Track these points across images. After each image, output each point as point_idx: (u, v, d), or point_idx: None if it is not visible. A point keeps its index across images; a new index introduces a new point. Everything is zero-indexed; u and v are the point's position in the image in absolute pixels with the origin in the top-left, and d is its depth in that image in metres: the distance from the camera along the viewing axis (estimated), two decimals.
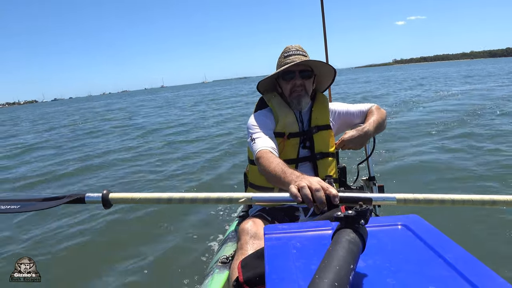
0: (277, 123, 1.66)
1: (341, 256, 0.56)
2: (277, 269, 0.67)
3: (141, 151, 7.63)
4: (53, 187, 5.44)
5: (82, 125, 15.45)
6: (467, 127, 6.83)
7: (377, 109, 1.80)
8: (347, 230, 0.63)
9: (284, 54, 1.68)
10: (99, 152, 7.90)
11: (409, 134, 6.73)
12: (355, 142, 1.67)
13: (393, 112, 9.92)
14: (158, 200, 1.02)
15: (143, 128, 11.83)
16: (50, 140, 11.33)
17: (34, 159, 7.98)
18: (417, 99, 12.92)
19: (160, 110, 20.77)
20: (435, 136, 6.33)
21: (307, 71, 1.65)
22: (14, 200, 1.04)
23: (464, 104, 10.55)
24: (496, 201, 1.00)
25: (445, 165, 4.52)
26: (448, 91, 15.37)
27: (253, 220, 1.45)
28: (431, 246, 0.71)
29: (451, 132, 6.49)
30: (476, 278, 0.59)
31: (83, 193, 1.04)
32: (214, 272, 1.51)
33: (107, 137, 10.55)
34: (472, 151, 5.09)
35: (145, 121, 14.60)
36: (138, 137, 9.90)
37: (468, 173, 4.12)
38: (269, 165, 1.34)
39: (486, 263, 0.63)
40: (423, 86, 19.82)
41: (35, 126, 18.64)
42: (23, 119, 27.56)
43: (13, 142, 11.71)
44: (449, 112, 8.97)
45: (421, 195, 0.99)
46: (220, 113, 14.49)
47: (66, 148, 9.16)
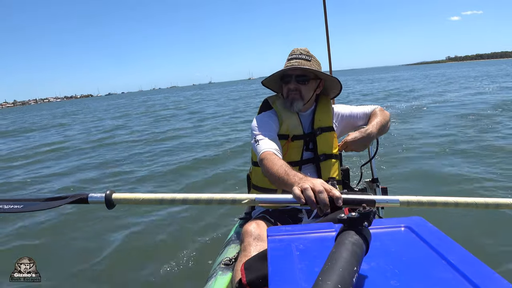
0: (281, 125, 1.66)
1: (345, 258, 0.56)
2: (280, 271, 0.67)
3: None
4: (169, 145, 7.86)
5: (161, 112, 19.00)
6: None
7: (381, 111, 1.79)
8: (351, 232, 0.63)
9: (288, 57, 1.68)
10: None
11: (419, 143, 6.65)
12: (358, 144, 1.67)
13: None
14: (161, 201, 1.02)
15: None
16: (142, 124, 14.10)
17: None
18: (421, 103, 12.67)
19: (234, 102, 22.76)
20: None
21: (304, 76, 1.63)
22: (17, 200, 1.05)
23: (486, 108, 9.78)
24: (499, 204, 1.00)
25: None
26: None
27: (256, 222, 1.45)
28: (435, 248, 0.71)
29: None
30: (480, 280, 0.59)
31: (86, 193, 1.04)
32: (217, 274, 1.51)
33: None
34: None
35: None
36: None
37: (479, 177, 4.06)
38: (273, 167, 1.34)
39: (490, 265, 0.63)
40: (450, 85, 20.05)
41: (116, 113, 23.27)
42: (100, 110, 30.73)
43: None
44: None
45: (424, 197, 0.98)
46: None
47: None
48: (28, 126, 19.38)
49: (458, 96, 13.84)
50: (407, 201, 0.98)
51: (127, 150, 8.10)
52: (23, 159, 8.19)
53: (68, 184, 5.44)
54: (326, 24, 2.40)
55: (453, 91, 16.04)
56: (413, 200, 0.98)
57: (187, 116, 15.77)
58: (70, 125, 17.27)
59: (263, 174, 1.45)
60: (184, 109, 20.11)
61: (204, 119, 13.52)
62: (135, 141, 9.30)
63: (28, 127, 18.51)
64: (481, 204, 0.99)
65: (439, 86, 20.52)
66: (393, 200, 0.98)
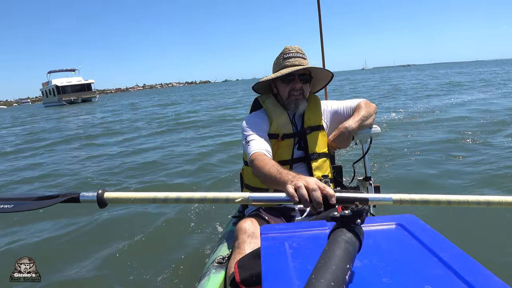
0: (271, 124, 1.66)
1: (338, 256, 0.56)
2: (273, 269, 0.67)
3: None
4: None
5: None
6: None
7: (366, 104, 1.79)
8: (343, 230, 0.63)
9: (284, 55, 1.67)
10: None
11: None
12: (338, 140, 1.68)
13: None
14: (153, 200, 1.01)
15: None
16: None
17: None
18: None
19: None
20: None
21: (306, 75, 1.66)
22: (7, 199, 1.03)
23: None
24: (490, 201, 1.01)
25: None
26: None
27: (250, 219, 1.45)
28: (427, 245, 0.71)
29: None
30: (471, 277, 0.59)
31: (78, 193, 1.03)
32: (211, 273, 1.51)
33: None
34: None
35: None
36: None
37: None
38: (264, 167, 1.34)
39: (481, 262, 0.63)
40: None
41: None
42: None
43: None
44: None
45: (417, 195, 0.99)
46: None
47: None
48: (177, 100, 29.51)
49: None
50: (400, 200, 0.98)
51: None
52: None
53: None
54: (320, 29, 2.52)
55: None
56: (406, 198, 0.98)
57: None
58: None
59: (254, 175, 1.45)
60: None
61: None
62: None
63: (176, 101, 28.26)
64: (473, 202, 1.00)
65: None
66: (386, 198, 0.99)
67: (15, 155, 8.41)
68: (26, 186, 5.26)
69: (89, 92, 52.63)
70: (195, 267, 2.46)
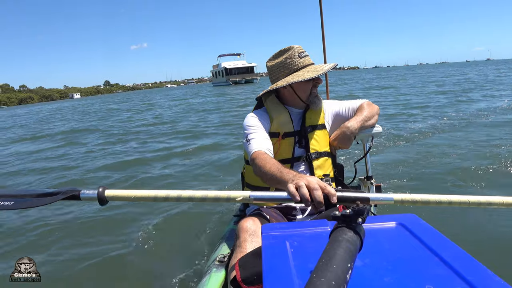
0: (271, 123, 1.65)
1: (339, 255, 0.56)
2: (274, 268, 0.67)
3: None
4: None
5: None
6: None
7: (368, 104, 1.79)
8: (345, 229, 0.63)
9: (299, 55, 1.63)
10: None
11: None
12: (340, 140, 1.68)
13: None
14: (155, 198, 1.01)
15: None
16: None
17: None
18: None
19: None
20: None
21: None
22: (7, 195, 1.02)
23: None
24: (491, 202, 1.01)
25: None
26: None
27: (252, 218, 1.45)
28: (428, 244, 0.71)
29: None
30: (472, 276, 0.59)
31: (79, 190, 1.02)
32: (212, 271, 1.51)
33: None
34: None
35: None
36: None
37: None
38: (265, 165, 1.34)
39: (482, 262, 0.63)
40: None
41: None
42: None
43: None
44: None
45: (418, 195, 0.99)
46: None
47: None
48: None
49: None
50: (401, 199, 0.98)
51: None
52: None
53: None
54: (322, 27, 2.53)
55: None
56: (407, 198, 0.98)
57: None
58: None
59: (255, 173, 1.44)
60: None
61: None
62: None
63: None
64: (474, 202, 1.00)
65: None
66: (387, 198, 0.99)
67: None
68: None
69: (252, 74, 59.07)
70: (196, 266, 2.46)
